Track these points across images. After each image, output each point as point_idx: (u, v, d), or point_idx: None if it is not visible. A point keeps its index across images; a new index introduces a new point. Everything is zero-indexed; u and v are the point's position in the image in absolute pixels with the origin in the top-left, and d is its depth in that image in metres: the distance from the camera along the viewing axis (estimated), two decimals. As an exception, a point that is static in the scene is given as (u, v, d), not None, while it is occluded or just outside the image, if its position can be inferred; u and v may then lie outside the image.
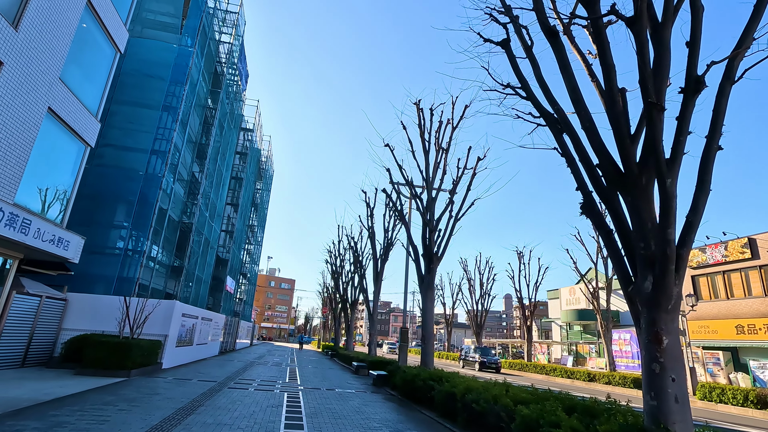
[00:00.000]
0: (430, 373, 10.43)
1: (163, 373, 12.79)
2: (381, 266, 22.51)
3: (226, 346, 27.68)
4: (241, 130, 32.98)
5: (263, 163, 40.15)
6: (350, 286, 30.69)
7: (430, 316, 13.41)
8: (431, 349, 13.04)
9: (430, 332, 13.15)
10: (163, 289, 19.08)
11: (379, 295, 22.33)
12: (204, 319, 18.98)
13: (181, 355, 15.46)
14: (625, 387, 21.43)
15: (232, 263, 30.88)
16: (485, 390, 7.77)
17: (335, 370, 19.51)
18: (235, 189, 31.61)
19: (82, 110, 11.45)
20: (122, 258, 15.51)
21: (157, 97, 17.47)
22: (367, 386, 13.83)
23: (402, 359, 17.11)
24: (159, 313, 13.80)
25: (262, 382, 12.72)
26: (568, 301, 43.70)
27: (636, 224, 4.96)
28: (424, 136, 14.59)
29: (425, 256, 13.81)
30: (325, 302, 52.46)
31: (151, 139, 16.99)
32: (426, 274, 13.72)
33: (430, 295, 13.50)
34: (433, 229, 13.75)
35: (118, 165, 16.58)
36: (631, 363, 35.37)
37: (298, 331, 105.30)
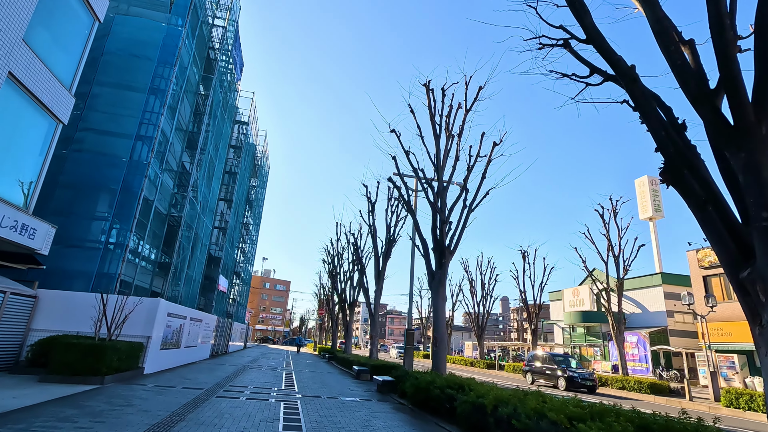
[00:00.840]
0: (447, 380, 9.15)
1: (145, 379, 11.41)
2: (383, 264, 21.24)
3: (218, 349, 26.24)
4: (235, 122, 31.64)
5: (258, 159, 38.76)
6: (349, 285, 29.37)
7: (442, 315, 12.15)
8: (444, 352, 11.77)
9: (442, 334, 11.88)
10: (149, 287, 17.68)
11: (381, 295, 21.06)
12: (193, 319, 17.59)
13: (166, 358, 14.08)
14: (642, 392, 20.25)
15: (225, 262, 29.46)
16: (520, 401, 6.52)
17: (334, 375, 18.17)
18: (228, 184, 30.22)
19: (52, 81, 10.11)
20: (102, 252, 14.13)
21: (144, 79, 16.13)
22: (371, 393, 12.53)
23: (408, 363, 15.83)
24: (141, 312, 12.43)
25: (256, 389, 11.38)
26: (571, 303, 42.58)
27: (754, 188, 3.72)
28: (435, 119, 13.36)
29: (436, 250, 12.56)
30: (322, 303, 51.03)
31: (137, 123, 15.64)
32: (437, 269, 12.46)
33: (441, 292, 12.24)
34: (445, 221, 12.51)
35: (99, 151, 15.20)
36: (638, 366, 34.31)
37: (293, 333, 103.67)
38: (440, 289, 12.23)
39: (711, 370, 19.25)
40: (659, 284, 34.86)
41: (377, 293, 20.97)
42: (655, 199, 37.48)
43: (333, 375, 18.16)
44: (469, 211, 12.55)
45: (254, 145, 36.36)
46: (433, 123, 13.42)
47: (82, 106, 15.25)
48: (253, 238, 42.16)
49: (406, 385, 10.72)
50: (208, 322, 20.94)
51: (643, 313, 36.56)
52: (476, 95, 13.10)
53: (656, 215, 37.47)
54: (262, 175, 40.91)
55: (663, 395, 20.03)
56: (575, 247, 25.95)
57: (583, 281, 44.47)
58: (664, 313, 34.11)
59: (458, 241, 12.45)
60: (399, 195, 14.18)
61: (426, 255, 13.01)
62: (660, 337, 33.85)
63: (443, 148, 13.24)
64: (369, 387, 14.24)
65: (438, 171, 13.04)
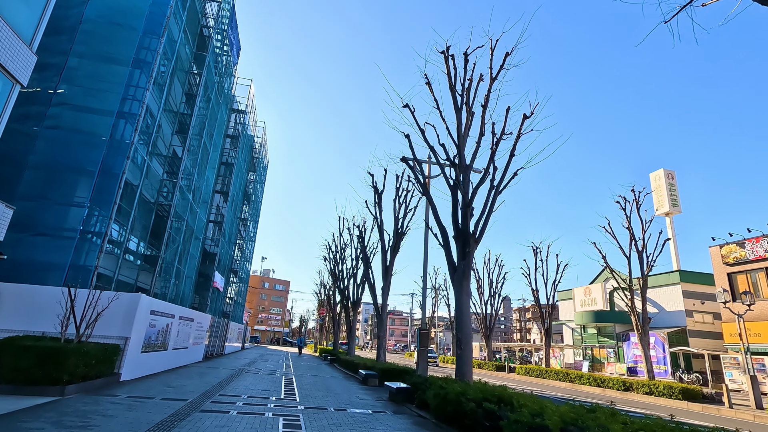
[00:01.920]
0: (483, 391, 7.48)
1: (119, 387, 9.73)
2: (390, 259, 19.57)
3: (213, 350, 24.56)
4: (232, 111, 29.98)
5: (257, 152, 37.06)
6: (352, 283, 27.69)
7: (467, 313, 10.48)
8: (470, 356, 10.10)
9: (467, 334, 10.21)
10: (134, 283, 16.00)
11: (388, 292, 19.38)
12: (183, 318, 15.92)
13: (149, 362, 12.39)
14: (672, 398, 18.59)
15: (221, 258, 27.78)
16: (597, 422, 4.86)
17: (339, 380, 16.50)
18: (225, 176, 28.54)
19: (7, 32, 8.44)
20: (77, 241, 12.44)
21: (127, 50, 14.45)
22: (384, 404, 10.87)
23: (422, 368, 14.15)
24: (118, 309, 10.76)
25: (251, 399, 9.70)
26: (582, 302, 40.90)
27: None
28: (456, 89, 11.69)
29: (458, 239, 10.89)
30: (323, 303, 49.35)
31: (119, 99, 13.96)
32: (460, 260, 10.79)
33: (465, 286, 10.58)
34: (469, 203, 10.84)
35: (76, 128, 13.52)
36: (656, 369, 32.61)
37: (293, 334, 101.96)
38: (464, 283, 10.57)
39: (750, 374, 17.58)
40: (677, 282, 33.21)
41: (384, 290, 19.29)
42: (671, 193, 35.85)
43: (337, 380, 16.49)
44: (496, 193, 10.89)
45: (252, 137, 34.69)
46: (453, 93, 11.76)
47: (56, 79, 13.60)
48: (251, 234, 40.45)
49: (428, 396, 9.05)
50: (201, 322, 19.26)
51: (660, 312, 34.91)
52: (503, 62, 11.45)
53: (673, 210, 35.82)
54: (260, 168, 39.21)
55: (696, 401, 18.38)
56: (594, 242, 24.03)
57: (594, 279, 42.79)
58: (682, 313, 32.47)
59: (484, 228, 10.79)
60: (414, 177, 12.54)
61: (446, 245, 11.34)
62: (678, 337, 32.21)
63: (465, 121, 11.58)
64: (379, 395, 12.57)
65: (459, 147, 11.37)
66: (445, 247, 11.39)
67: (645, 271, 22.86)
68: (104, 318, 10.21)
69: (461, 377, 9.80)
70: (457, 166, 11.10)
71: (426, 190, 12.42)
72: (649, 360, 21.90)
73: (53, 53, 13.89)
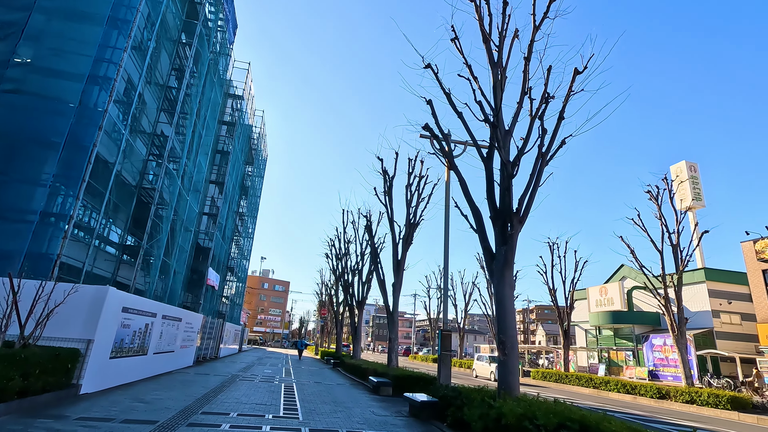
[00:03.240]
0: (558, 413, 5.44)
1: (75, 404, 7.69)
2: (403, 252, 17.53)
3: (206, 353, 22.49)
4: (229, 96, 28.00)
5: (254, 143, 35.03)
6: (357, 281, 25.64)
7: (511, 310, 8.45)
8: (516, 362, 8.06)
9: (512, 337, 8.17)
10: (112, 277, 13.97)
11: (400, 289, 17.34)
12: (167, 317, 13.87)
13: (120, 370, 10.34)
14: (719, 408, 16.53)
15: (216, 254, 25.74)
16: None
17: (345, 388, 14.45)
18: (220, 165, 26.53)
19: None
20: (36, 226, 10.41)
21: (102, 6, 12.43)
22: (405, 421, 8.85)
23: (444, 375, 12.11)
24: (79, 305, 8.74)
25: (241, 419, 7.66)
26: (598, 302, 38.86)
27: None
28: (491, 38, 9.67)
29: (498, 219, 8.87)
30: (324, 303, 47.25)
31: (91, 62, 11.95)
32: (500, 246, 8.77)
33: (508, 277, 8.55)
34: (512, 173, 8.82)
35: (39, 93, 11.53)
36: (680, 373, 30.55)
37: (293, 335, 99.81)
38: (506, 273, 8.54)
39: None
40: (702, 281, 31.16)
41: (396, 287, 17.24)
42: (694, 186, 33.81)
43: (344, 388, 14.44)
44: (543, 162, 8.87)
45: (250, 127, 32.66)
46: (488, 46, 9.74)
47: (15, 37, 11.59)
48: (248, 230, 38.37)
49: (470, 415, 7.00)
50: (190, 322, 17.20)
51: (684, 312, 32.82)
52: (547, 8, 9.44)
53: (696, 204, 33.78)
54: (258, 160, 37.17)
55: (747, 411, 16.33)
56: (620, 236, 21.99)
57: (610, 278, 40.73)
58: (708, 313, 30.41)
59: (529, 204, 8.77)
60: (439, 147, 10.54)
61: (480, 228, 9.33)
62: (705, 340, 30.16)
63: (501, 78, 9.55)
64: (397, 408, 10.53)
65: (496, 109, 9.35)
66: (479, 231, 9.37)
67: (680, 267, 20.82)
68: (61, 316, 8.19)
69: (506, 389, 7.76)
70: (496, 128, 9.07)
71: (453, 164, 10.38)
72: (687, 365, 19.84)
73: (13, 8, 11.91)
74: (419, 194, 18.05)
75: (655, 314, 34.69)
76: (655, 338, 32.81)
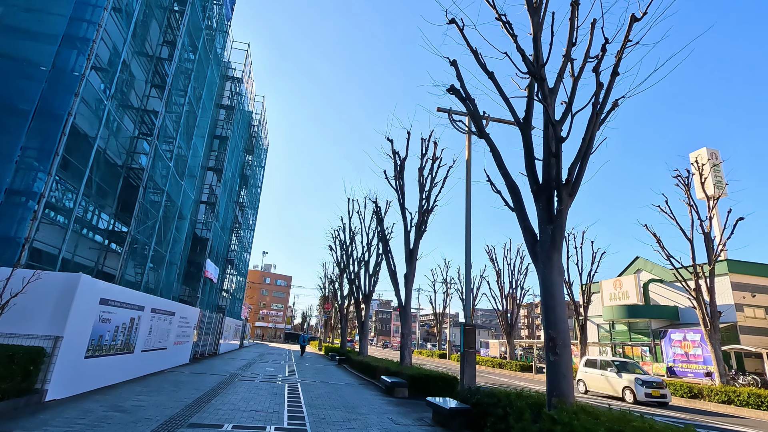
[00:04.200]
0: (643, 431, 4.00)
1: (33, 414, 6.31)
2: (415, 240, 16.10)
3: (205, 350, 21.20)
4: (227, 79, 26.50)
5: (255, 130, 33.52)
6: (364, 272, 24.27)
7: (560, 300, 7.02)
8: (569, 363, 6.64)
9: (563, 332, 6.75)
10: (95, 267, 12.60)
11: (413, 280, 15.93)
12: (159, 311, 12.51)
13: (99, 371, 8.97)
14: (761, 409, 15.15)
15: (214, 245, 24.36)
16: None
17: (355, 388, 13.09)
18: (218, 151, 25.08)
19: None
20: (1, 205, 9.03)
21: (79, -41, 10.96)
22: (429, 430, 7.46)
23: (469, 375, 10.74)
24: (45, 296, 7.36)
25: (236, 430, 6.29)
26: (612, 296, 37.46)
27: None
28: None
29: (542, 193, 7.44)
30: (327, 297, 45.95)
31: (66, 20, 10.50)
32: (544, 224, 7.33)
33: (556, 261, 7.12)
34: (560, 137, 7.36)
35: (5, 54, 10.08)
36: (701, 370, 29.20)
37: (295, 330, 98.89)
38: (554, 256, 7.11)
39: None
40: (725, 273, 29.63)
41: (408, 278, 15.82)
42: (716, 174, 32.22)
43: (353, 388, 13.08)
44: (597, 123, 7.39)
45: (250, 113, 31.16)
46: (526, -11, 8.24)
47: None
48: (249, 222, 36.97)
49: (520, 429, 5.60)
50: (185, 316, 15.86)
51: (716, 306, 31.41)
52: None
53: (717, 194, 32.18)
54: (259, 149, 35.68)
55: (793, 413, 14.94)
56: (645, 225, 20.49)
57: (624, 270, 39.31)
58: (731, 307, 28.94)
59: (581, 175, 7.31)
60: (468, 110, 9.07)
61: (518, 206, 7.90)
62: (728, 335, 28.71)
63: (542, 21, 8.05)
64: (419, 414, 9.15)
65: (537, 61, 7.86)
66: (518, 208, 7.93)
67: (713, 256, 19.37)
68: (22, 309, 6.83)
69: (559, 395, 6.36)
70: (542, 81, 7.59)
71: (483, 131, 8.88)
72: (721, 361, 18.44)
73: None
74: (432, 178, 16.61)
75: (673, 308, 33.28)
76: (674, 333, 31.40)
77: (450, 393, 12.42)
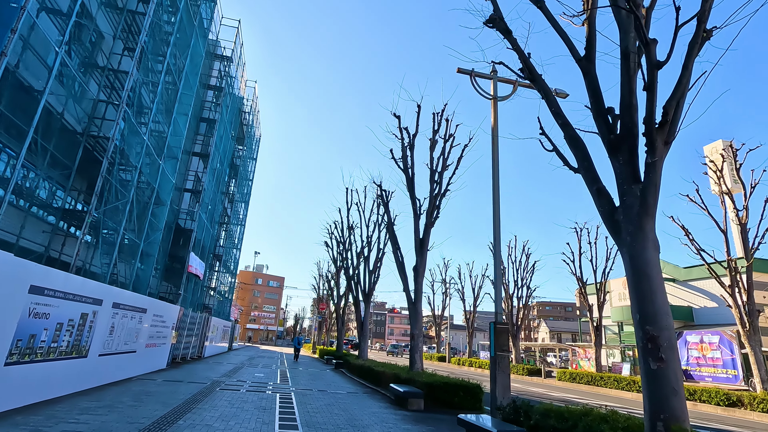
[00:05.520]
0: None
1: None
2: (426, 228, 14.13)
3: (187, 353, 19.03)
4: (216, 58, 24.42)
5: (246, 117, 31.38)
6: (364, 269, 22.26)
7: (659, 285, 5.10)
8: (678, 370, 4.69)
9: (668, 328, 4.83)
10: (46, 252, 10.44)
11: (423, 273, 13.94)
12: (124, 307, 10.39)
13: (30, 381, 6.85)
14: (818, 420, 13.36)
15: (200, 238, 22.20)
16: None
17: (359, 399, 11.06)
18: (206, 135, 22.95)
19: None
20: None
21: None
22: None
23: (502, 385, 8.77)
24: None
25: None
26: (621, 296, 35.67)
27: None
28: None
29: (623, 140, 5.53)
30: (322, 297, 43.79)
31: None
32: (630, 183, 5.43)
33: (649, 231, 5.21)
34: (656, 62, 5.42)
35: None
36: (720, 373, 27.47)
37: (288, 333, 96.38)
38: (646, 225, 5.18)
39: None
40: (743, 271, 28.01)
41: (419, 271, 13.81)
42: (732, 168, 30.65)
43: (358, 399, 11.04)
44: (700, 44, 5.48)
45: (241, 98, 29.05)
46: None
47: None
48: (239, 216, 34.75)
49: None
50: (161, 314, 13.73)
51: (720, 307, 29.82)
52: None
53: (734, 188, 30.66)
54: (250, 139, 33.53)
55: None
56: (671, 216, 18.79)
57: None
58: (753, 307, 27.28)
59: (678, 115, 5.39)
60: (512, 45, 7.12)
61: (585, 163, 6.02)
62: (749, 336, 27.04)
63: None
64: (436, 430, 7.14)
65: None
66: (585, 166, 6.02)
67: (750, 250, 17.66)
68: None
69: (669, 419, 4.40)
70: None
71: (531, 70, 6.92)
72: (762, 365, 16.66)
73: None
74: (444, 159, 14.69)
75: (687, 308, 31.64)
76: (690, 335, 29.68)
77: (473, 405, 10.46)
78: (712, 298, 30.38)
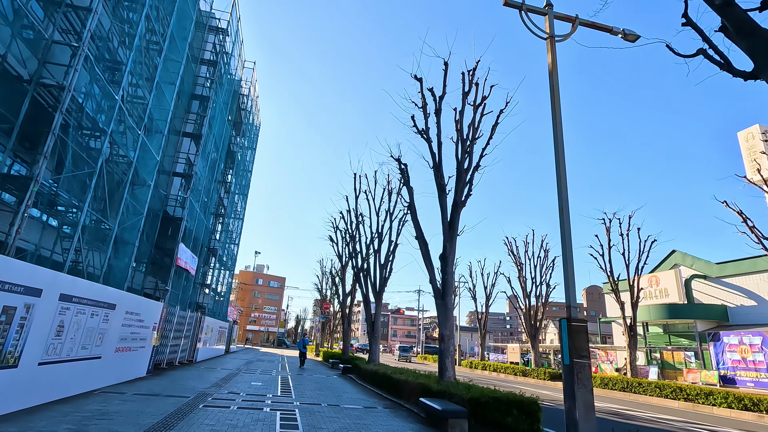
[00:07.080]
0: None
1: None
2: (455, 209, 11.78)
3: (175, 357, 16.70)
4: (210, 30, 22.14)
5: (244, 102, 29.06)
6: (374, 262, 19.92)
7: None
8: None
9: None
10: None
11: (453, 261, 11.56)
12: (83, 301, 8.05)
13: None
14: None
15: (191, 228, 19.88)
16: None
17: (382, 418, 8.69)
18: (198, 114, 20.64)
19: None
20: None
21: None
22: None
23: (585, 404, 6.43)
24: None
25: None
26: (647, 294, 33.30)
27: None
28: None
29: None
30: (325, 297, 41.40)
31: None
32: None
33: None
34: None
35: None
36: (763, 378, 25.12)
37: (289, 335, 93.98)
38: None
39: None
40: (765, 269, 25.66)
41: (448, 259, 11.43)
42: None
43: (379, 418, 8.66)
44: None
45: (238, 80, 26.73)
46: None
47: None
48: (237, 209, 32.36)
49: None
50: (137, 312, 11.38)
51: (759, 305, 27.43)
52: None
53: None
54: (249, 126, 31.20)
55: None
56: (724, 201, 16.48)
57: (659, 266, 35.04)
58: (788, 306, 24.91)
59: None
60: None
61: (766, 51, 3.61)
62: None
63: None
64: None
65: None
66: None
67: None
68: None
69: None
70: None
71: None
72: None
73: None
74: (475, 127, 12.36)
75: (721, 307, 29.20)
76: (727, 336, 27.28)
77: (530, 426, 8.10)
78: (750, 296, 27.97)
